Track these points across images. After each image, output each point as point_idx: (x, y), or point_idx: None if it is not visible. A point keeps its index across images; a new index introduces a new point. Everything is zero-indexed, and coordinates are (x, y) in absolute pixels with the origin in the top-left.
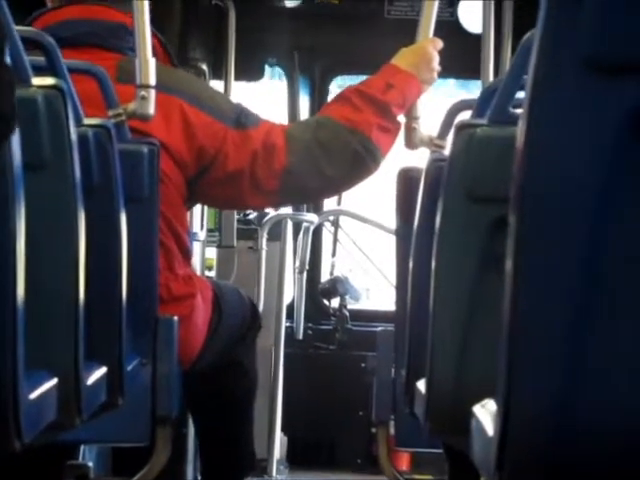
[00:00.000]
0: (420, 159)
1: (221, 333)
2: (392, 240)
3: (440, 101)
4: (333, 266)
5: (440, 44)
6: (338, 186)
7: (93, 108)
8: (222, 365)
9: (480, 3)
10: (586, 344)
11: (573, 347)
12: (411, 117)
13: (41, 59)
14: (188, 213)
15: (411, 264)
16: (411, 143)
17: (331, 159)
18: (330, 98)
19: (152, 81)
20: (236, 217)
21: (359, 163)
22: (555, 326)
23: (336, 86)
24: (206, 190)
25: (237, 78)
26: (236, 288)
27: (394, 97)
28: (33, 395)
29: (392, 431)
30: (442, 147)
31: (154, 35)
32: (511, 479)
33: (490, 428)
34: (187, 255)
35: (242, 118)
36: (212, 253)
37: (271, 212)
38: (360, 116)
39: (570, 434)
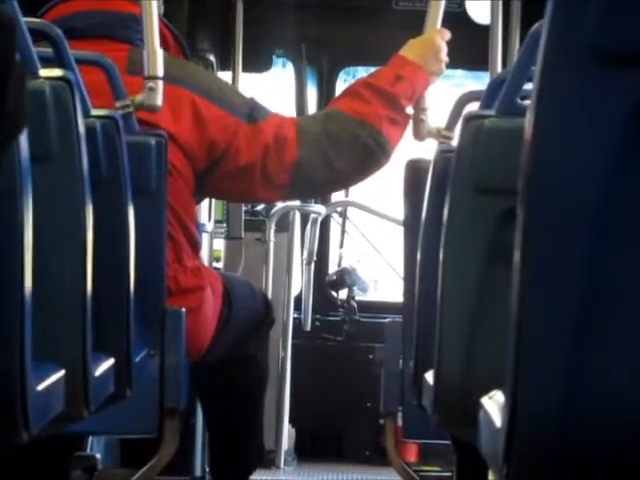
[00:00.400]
0: (428, 150)
1: (232, 326)
2: (400, 231)
3: (448, 92)
4: (341, 257)
5: (448, 35)
6: (348, 179)
7: (102, 99)
8: (234, 358)
9: None
10: (593, 337)
11: (580, 340)
12: (419, 108)
13: (49, 50)
14: (197, 205)
15: (419, 255)
16: (419, 134)
17: (341, 152)
18: (338, 89)
19: (160, 72)
20: (244, 208)
21: (369, 156)
22: (562, 318)
23: (343, 78)
24: (216, 184)
25: (245, 69)
26: (248, 282)
27: (403, 89)
28: (41, 387)
29: (400, 423)
30: (450, 138)
31: (166, 28)
32: (518, 470)
33: (498, 420)
34: (196, 247)
35: (254, 112)
36: (220, 244)
37: (279, 203)
38: (369, 108)
39: (577, 426)
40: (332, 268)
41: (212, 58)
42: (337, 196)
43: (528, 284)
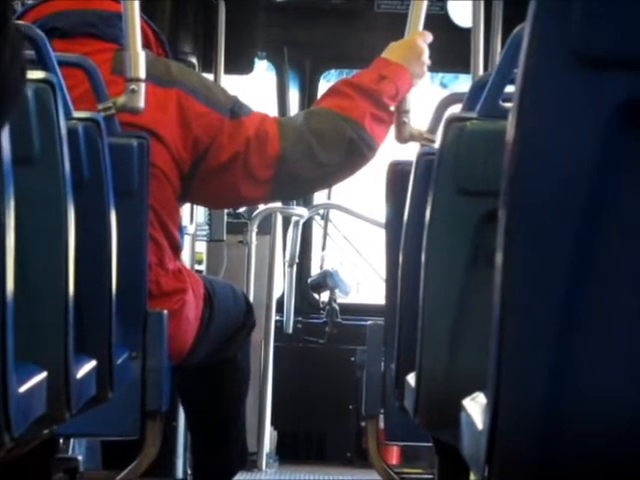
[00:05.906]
0: (410, 152)
1: (213, 329)
2: (382, 234)
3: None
4: (323, 260)
5: (430, 38)
6: (333, 175)
7: (91, 104)
8: (216, 360)
9: None
10: (575, 338)
11: (562, 341)
12: (401, 111)
13: (30, 53)
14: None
15: (401, 258)
16: (401, 137)
17: (325, 146)
18: (320, 92)
19: (142, 74)
20: (226, 211)
21: (354, 151)
22: (545, 320)
23: (325, 80)
24: (201, 185)
25: (227, 72)
26: (230, 284)
27: (386, 87)
28: (23, 388)
29: (382, 425)
30: (432, 141)
31: (146, 24)
32: (500, 472)
33: (480, 422)
34: (177, 250)
35: (236, 108)
36: (202, 247)
37: (261, 206)
38: (352, 104)
39: (558, 428)
40: (314, 271)
41: (194, 60)
42: (319, 198)
43: (510, 286)
